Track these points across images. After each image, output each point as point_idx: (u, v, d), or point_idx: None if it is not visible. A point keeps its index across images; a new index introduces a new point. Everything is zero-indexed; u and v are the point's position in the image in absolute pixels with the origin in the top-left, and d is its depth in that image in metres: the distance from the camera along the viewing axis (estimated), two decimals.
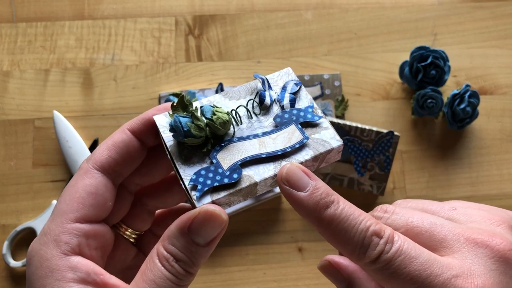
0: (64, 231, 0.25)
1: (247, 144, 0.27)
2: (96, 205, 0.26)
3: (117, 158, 0.27)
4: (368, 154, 0.57)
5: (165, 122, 0.27)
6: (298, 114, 0.28)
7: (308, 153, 0.27)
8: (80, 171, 0.27)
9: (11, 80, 0.62)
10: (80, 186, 0.26)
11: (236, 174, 0.26)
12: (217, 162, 0.26)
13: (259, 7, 0.66)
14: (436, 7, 0.66)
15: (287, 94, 0.29)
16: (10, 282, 0.55)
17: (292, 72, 0.30)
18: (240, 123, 0.28)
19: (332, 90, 0.61)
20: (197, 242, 0.24)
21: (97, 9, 0.65)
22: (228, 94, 0.29)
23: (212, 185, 0.25)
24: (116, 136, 0.27)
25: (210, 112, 0.26)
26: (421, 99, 0.59)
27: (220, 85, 0.60)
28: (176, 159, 0.26)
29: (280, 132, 0.27)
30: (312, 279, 0.57)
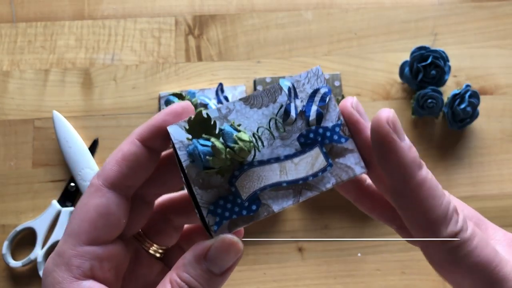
0: (76, 254, 0.24)
1: (268, 169, 0.25)
2: (108, 225, 0.25)
3: (128, 172, 0.26)
4: None
5: (180, 136, 0.25)
6: (324, 134, 0.26)
7: (330, 181, 0.25)
8: (91, 188, 0.26)
9: (11, 80, 0.62)
10: (91, 206, 0.25)
11: (255, 205, 0.25)
12: (236, 191, 0.25)
13: (259, 7, 0.66)
14: (436, 7, 0.66)
15: (314, 107, 0.26)
16: (10, 282, 0.55)
17: (321, 73, 0.26)
18: (262, 147, 0.25)
19: (332, 90, 0.61)
20: (212, 271, 0.24)
21: (97, 9, 0.65)
22: (249, 100, 0.26)
23: (230, 218, 0.25)
24: (125, 148, 0.26)
25: (232, 140, 0.24)
26: (421, 99, 0.59)
27: (220, 85, 0.60)
28: (193, 182, 0.25)
29: (303, 156, 0.25)
30: (312, 279, 0.57)
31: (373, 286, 0.56)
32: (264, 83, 0.61)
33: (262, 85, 0.61)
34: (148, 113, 0.61)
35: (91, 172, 0.58)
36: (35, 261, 0.55)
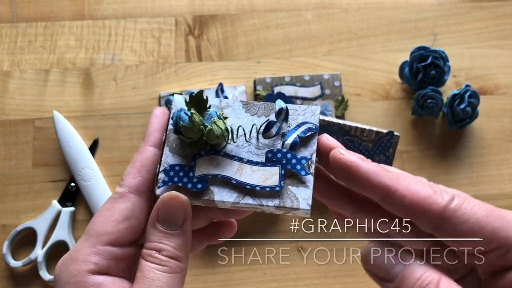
0: (96, 252, 0.26)
1: (228, 163, 0.27)
2: (130, 229, 0.27)
3: (149, 177, 0.28)
4: (368, 154, 0.57)
5: (180, 104, 0.28)
6: (290, 159, 0.27)
7: (273, 201, 0.26)
8: (115, 195, 0.27)
9: (11, 80, 0.62)
10: (116, 210, 0.27)
11: (200, 184, 0.27)
12: (194, 165, 0.27)
13: (259, 7, 0.66)
14: (436, 7, 0.66)
15: (294, 134, 0.28)
16: (10, 282, 0.55)
17: (318, 113, 0.28)
18: (233, 141, 0.28)
19: (332, 90, 0.61)
20: (170, 229, 0.26)
21: (97, 9, 0.65)
22: (248, 105, 0.29)
23: (176, 184, 0.27)
24: (140, 156, 0.28)
25: (210, 121, 0.27)
26: (421, 99, 0.59)
27: (220, 85, 0.60)
28: (167, 143, 0.28)
29: (262, 168, 0.27)
30: (312, 279, 0.57)
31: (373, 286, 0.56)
32: (264, 83, 0.61)
33: (262, 85, 0.61)
34: (148, 113, 0.61)
35: (91, 172, 0.58)
36: (35, 261, 0.55)
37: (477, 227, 0.23)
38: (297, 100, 0.60)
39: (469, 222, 0.23)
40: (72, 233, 0.57)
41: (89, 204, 0.57)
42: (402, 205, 0.24)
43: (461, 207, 0.24)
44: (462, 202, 0.24)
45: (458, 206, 0.24)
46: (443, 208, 0.24)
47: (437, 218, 0.24)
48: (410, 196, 0.24)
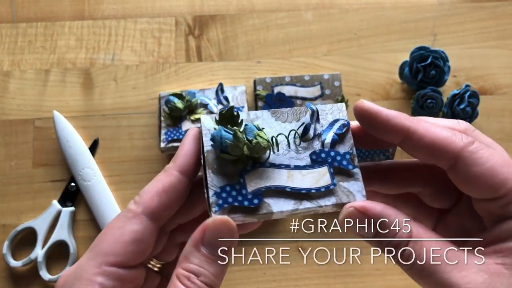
0: (102, 272, 0.25)
1: (277, 173, 0.27)
2: (138, 252, 0.26)
3: (168, 203, 0.27)
4: (368, 154, 0.57)
5: (209, 125, 0.28)
6: (334, 157, 0.28)
7: (330, 200, 0.27)
8: (127, 213, 0.26)
9: (12, 80, 0.62)
10: (127, 230, 0.26)
11: (257, 200, 0.26)
12: (244, 182, 0.27)
13: (259, 7, 0.66)
14: (436, 7, 0.66)
15: (331, 132, 0.28)
16: (10, 282, 0.55)
17: (344, 109, 0.29)
18: (277, 150, 0.28)
19: (332, 90, 0.61)
20: (213, 254, 0.25)
21: (97, 9, 0.65)
22: (276, 113, 0.29)
23: (232, 204, 0.26)
24: (165, 179, 0.27)
25: (252, 135, 0.27)
26: (421, 99, 0.59)
27: (220, 85, 0.60)
28: (208, 165, 0.27)
29: (311, 171, 0.28)
30: (312, 279, 0.57)
31: (373, 286, 0.56)
32: (264, 83, 0.61)
33: (262, 85, 0.61)
34: (148, 113, 0.61)
35: (91, 172, 0.58)
36: (35, 261, 0.55)
37: (489, 172, 0.24)
38: (297, 100, 0.60)
39: (483, 166, 0.24)
40: (72, 233, 0.57)
41: (89, 204, 0.57)
42: (421, 145, 0.25)
43: (479, 151, 0.25)
44: (481, 148, 0.25)
45: (475, 150, 0.25)
46: (460, 149, 0.25)
47: (453, 158, 0.25)
48: (430, 136, 0.25)
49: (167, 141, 0.58)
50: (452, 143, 0.25)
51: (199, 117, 0.59)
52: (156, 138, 0.60)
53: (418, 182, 0.29)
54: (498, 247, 0.24)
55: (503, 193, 0.24)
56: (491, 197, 0.25)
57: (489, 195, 0.25)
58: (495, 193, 0.24)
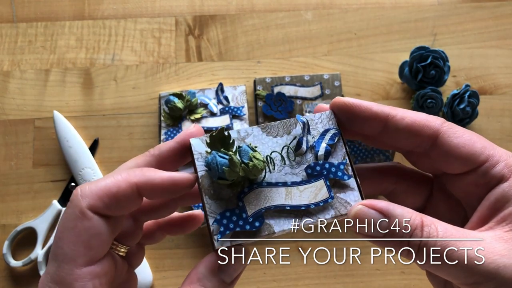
0: (77, 278, 0.24)
1: (274, 192, 0.27)
2: (101, 245, 0.26)
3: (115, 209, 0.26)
4: (368, 154, 0.57)
5: (200, 148, 0.27)
6: (329, 169, 0.28)
7: (329, 213, 0.27)
8: (75, 209, 0.25)
9: (12, 80, 0.62)
10: (81, 229, 0.25)
11: (258, 222, 0.27)
12: (243, 206, 0.27)
13: (259, 7, 0.66)
14: (436, 7, 0.67)
15: (323, 144, 0.28)
16: (10, 282, 0.56)
17: (333, 117, 0.29)
18: (273, 169, 0.28)
19: (332, 90, 0.61)
20: (225, 281, 0.26)
21: (97, 9, 0.65)
22: (266, 128, 0.29)
23: (234, 230, 0.26)
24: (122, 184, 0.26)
25: (248, 157, 0.26)
26: (421, 99, 0.59)
27: (220, 85, 0.60)
28: (205, 191, 0.27)
29: (308, 186, 0.28)
30: (312, 278, 0.57)
31: (373, 286, 0.57)
32: (264, 83, 0.61)
33: (262, 85, 0.61)
34: (148, 113, 0.61)
35: (91, 172, 0.58)
36: (35, 261, 0.55)
37: (468, 141, 0.26)
38: (297, 100, 0.60)
39: (462, 137, 0.26)
40: None
41: None
42: (403, 125, 0.27)
43: (455, 127, 0.27)
44: (456, 125, 0.27)
45: (452, 126, 0.27)
46: (439, 125, 0.27)
47: (434, 133, 0.26)
48: (410, 116, 0.27)
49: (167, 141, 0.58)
50: (432, 121, 0.27)
51: (199, 117, 0.59)
52: (156, 138, 0.60)
53: (390, 180, 0.31)
54: (499, 217, 0.25)
55: (483, 159, 0.26)
56: (472, 167, 0.26)
57: (470, 165, 0.26)
58: (476, 161, 0.26)
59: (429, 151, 0.27)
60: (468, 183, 0.27)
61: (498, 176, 0.25)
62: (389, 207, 0.25)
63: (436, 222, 0.24)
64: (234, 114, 0.59)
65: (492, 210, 0.25)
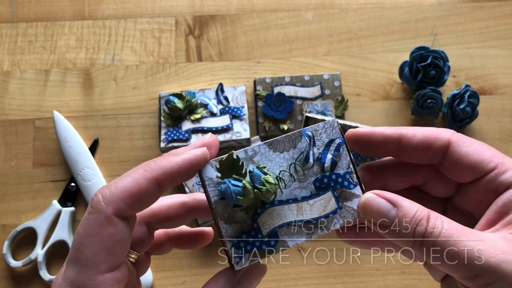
0: (99, 283, 0.25)
1: (286, 209, 0.28)
2: (123, 251, 0.27)
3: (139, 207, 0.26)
4: None
5: (210, 173, 0.28)
6: (336, 180, 0.29)
7: (339, 222, 0.29)
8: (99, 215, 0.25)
9: (12, 80, 0.62)
10: (106, 236, 0.25)
11: (273, 241, 0.28)
12: (258, 227, 0.28)
13: (259, 7, 0.66)
14: (436, 7, 0.67)
15: (329, 155, 0.29)
16: (10, 282, 0.56)
17: (337, 125, 0.30)
18: (284, 188, 0.28)
19: (332, 90, 0.61)
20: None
21: (97, 9, 0.65)
22: (272, 144, 0.29)
23: (251, 251, 0.28)
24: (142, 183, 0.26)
25: (260, 182, 0.27)
26: (421, 99, 0.59)
27: (220, 85, 0.60)
28: (220, 216, 0.27)
29: (317, 199, 0.29)
30: (312, 278, 0.57)
31: (373, 286, 0.57)
32: (264, 83, 0.61)
33: (262, 85, 0.61)
34: (149, 113, 0.61)
35: (91, 172, 0.58)
36: (35, 261, 0.55)
37: (478, 150, 0.27)
38: (297, 100, 0.60)
39: (471, 146, 0.27)
40: (72, 233, 0.57)
41: None
42: (415, 142, 0.28)
43: (464, 137, 0.28)
44: (465, 136, 0.28)
45: (461, 136, 0.28)
46: (450, 136, 0.28)
47: (445, 144, 0.28)
48: (421, 133, 0.28)
49: (167, 141, 0.58)
50: (442, 133, 0.28)
51: (199, 117, 0.59)
52: (156, 138, 0.60)
53: (421, 173, 0.31)
54: (505, 220, 0.25)
55: (492, 167, 0.27)
56: (481, 174, 0.27)
57: (479, 172, 0.27)
58: (485, 168, 0.27)
59: (441, 162, 0.28)
60: (477, 191, 0.28)
61: (506, 182, 0.26)
62: (397, 198, 0.26)
63: (442, 217, 0.25)
64: (234, 114, 0.59)
65: (499, 214, 0.26)
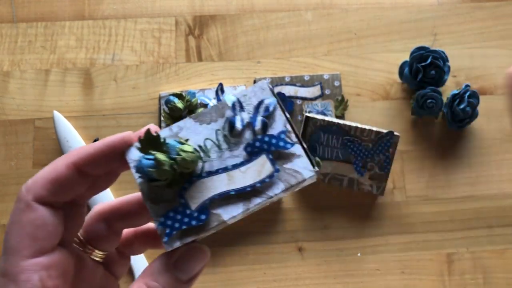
0: (22, 270, 0.24)
1: (216, 179, 0.26)
2: (48, 235, 0.25)
3: (59, 193, 0.26)
4: (368, 154, 0.57)
5: (134, 155, 0.26)
6: (270, 142, 0.26)
7: (279, 187, 0.26)
8: (20, 203, 0.25)
9: (12, 80, 0.62)
10: (26, 222, 0.25)
11: (203, 215, 0.25)
12: (185, 202, 0.25)
13: (259, 7, 0.66)
14: (436, 7, 0.67)
15: (259, 117, 0.27)
16: None
17: (267, 86, 0.27)
18: (208, 157, 0.26)
19: (332, 90, 0.61)
20: (181, 278, 0.25)
21: (97, 9, 0.65)
22: (199, 117, 0.27)
23: (180, 229, 0.25)
24: (60, 169, 0.26)
25: (175, 152, 0.25)
26: (421, 99, 0.59)
27: (220, 85, 0.60)
28: (146, 197, 0.26)
29: (250, 165, 0.26)
30: (312, 279, 0.57)
31: (373, 286, 0.57)
32: None
33: None
34: (149, 113, 0.61)
35: None
36: None
37: None
38: (297, 100, 0.60)
39: None
40: None
41: (89, 204, 0.57)
42: None
43: None
44: None
45: None
46: None
47: None
48: None
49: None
50: None
51: None
52: None
53: None
54: None
55: None
56: None
57: None
58: None
59: None
60: None
61: None
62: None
63: None
64: None
65: None
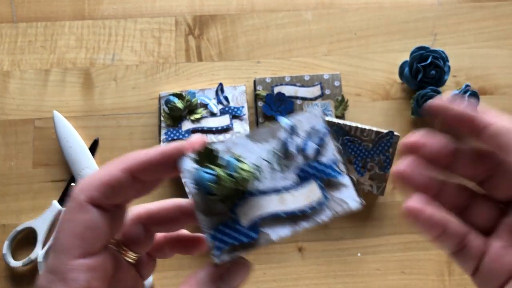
0: (71, 268, 0.25)
1: (267, 199, 0.27)
2: (97, 238, 0.26)
3: (112, 196, 0.26)
4: (368, 154, 0.57)
5: (189, 165, 0.27)
6: (321, 169, 0.27)
7: (326, 214, 0.27)
8: (73, 203, 0.26)
9: (12, 80, 0.62)
10: (78, 222, 0.26)
11: (254, 233, 0.26)
12: (237, 218, 0.26)
13: (259, 7, 0.66)
14: (436, 7, 0.66)
15: (312, 144, 0.28)
16: (10, 282, 0.56)
17: (320, 115, 0.28)
18: (263, 177, 0.27)
19: (332, 90, 0.61)
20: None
21: (97, 9, 0.65)
22: (253, 136, 0.28)
23: (231, 244, 0.26)
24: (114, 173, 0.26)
25: (234, 169, 0.26)
26: (421, 99, 0.59)
27: (220, 85, 0.60)
28: (198, 208, 0.27)
29: (300, 189, 0.27)
30: (312, 279, 0.57)
31: (373, 286, 0.57)
32: (264, 83, 0.61)
33: (262, 85, 0.61)
34: (148, 113, 0.61)
35: (91, 172, 0.58)
36: (35, 261, 0.55)
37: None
38: (297, 100, 0.60)
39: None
40: None
41: None
42: None
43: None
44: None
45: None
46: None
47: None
48: None
49: (167, 141, 0.58)
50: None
51: (199, 117, 0.59)
52: (156, 138, 0.60)
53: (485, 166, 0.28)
54: None
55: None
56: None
57: None
58: None
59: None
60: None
61: None
62: None
63: None
64: (234, 114, 0.59)
65: None
